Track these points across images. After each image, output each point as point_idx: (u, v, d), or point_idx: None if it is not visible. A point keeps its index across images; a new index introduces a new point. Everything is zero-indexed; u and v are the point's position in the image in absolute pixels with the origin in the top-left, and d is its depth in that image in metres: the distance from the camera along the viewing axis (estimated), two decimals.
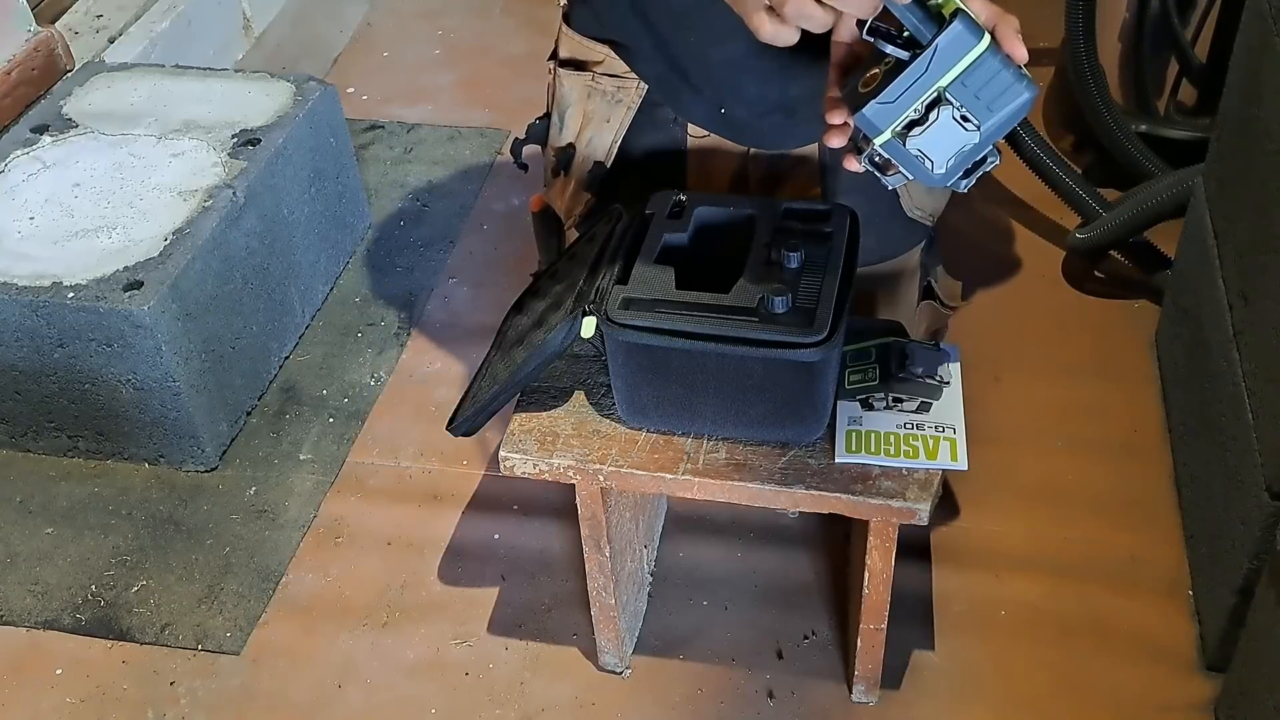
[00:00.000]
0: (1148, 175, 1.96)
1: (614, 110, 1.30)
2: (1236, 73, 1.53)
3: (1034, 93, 0.90)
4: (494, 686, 1.49)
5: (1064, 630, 1.50)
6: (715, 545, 1.62)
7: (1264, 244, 1.36)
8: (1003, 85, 0.89)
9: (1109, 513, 1.62)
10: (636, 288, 1.13)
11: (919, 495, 1.15)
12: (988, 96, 0.89)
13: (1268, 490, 1.29)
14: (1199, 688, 1.43)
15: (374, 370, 1.92)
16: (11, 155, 1.85)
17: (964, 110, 0.90)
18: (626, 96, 1.28)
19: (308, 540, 1.67)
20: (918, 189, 1.31)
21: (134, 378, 1.66)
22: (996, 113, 0.90)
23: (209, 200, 1.74)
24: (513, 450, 1.23)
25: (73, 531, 1.69)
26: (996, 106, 0.90)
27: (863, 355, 1.25)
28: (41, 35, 2.07)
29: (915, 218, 1.33)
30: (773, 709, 1.44)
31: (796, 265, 1.14)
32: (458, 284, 2.07)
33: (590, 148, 1.32)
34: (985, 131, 0.91)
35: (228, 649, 1.54)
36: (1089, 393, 1.79)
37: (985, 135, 0.91)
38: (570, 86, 1.33)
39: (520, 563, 1.63)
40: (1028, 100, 0.90)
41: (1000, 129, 0.91)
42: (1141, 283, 1.94)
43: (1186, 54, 2.01)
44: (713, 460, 1.20)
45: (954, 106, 0.90)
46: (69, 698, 1.50)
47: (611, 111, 1.30)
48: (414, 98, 2.52)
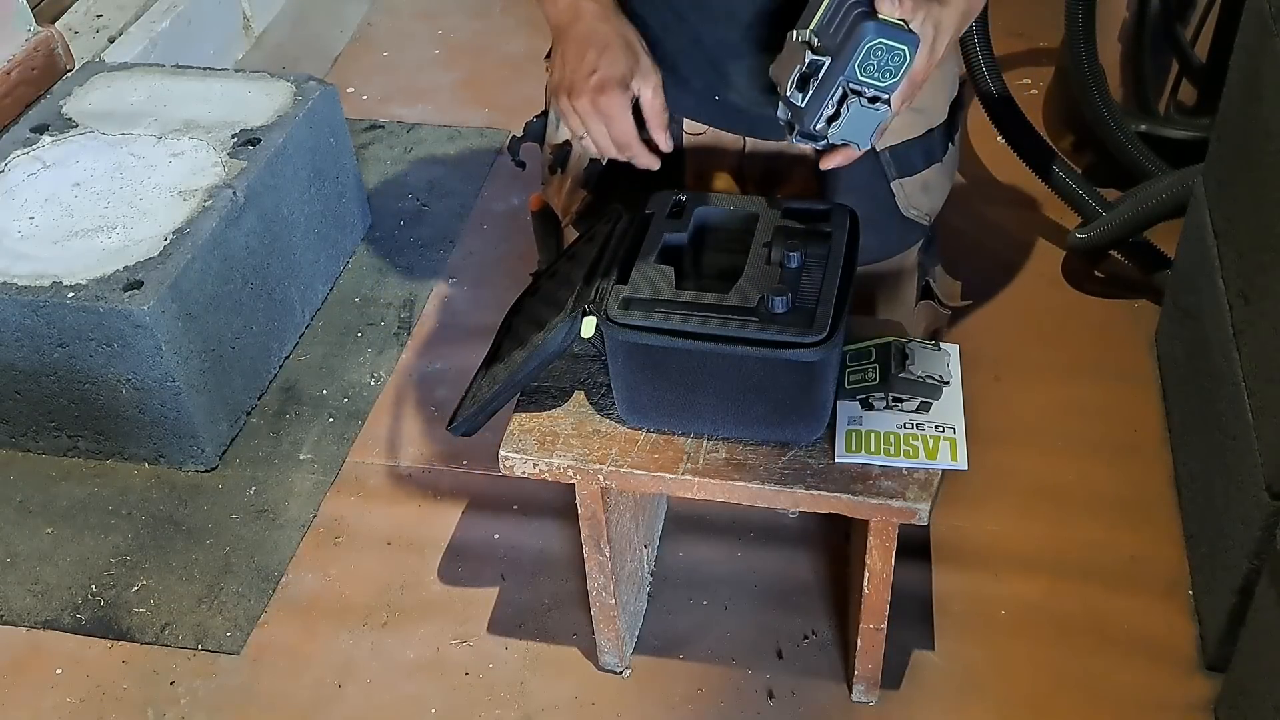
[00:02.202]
0: (1148, 175, 1.96)
1: None
2: (1236, 73, 1.53)
3: (917, 39, 1.01)
4: (494, 686, 1.49)
5: (1064, 630, 1.50)
6: (715, 545, 1.62)
7: (1264, 244, 1.37)
8: (894, 52, 1.01)
9: (1109, 513, 1.62)
10: (636, 288, 1.13)
11: (919, 495, 1.15)
12: (888, 67, 1.01)
13: (1268, 490, 1.29)
14: (1199, 688, 1.43)
15: (374, 370, 1.92)
16: (11, 155, 1.85)
17: (870, 93, 1.03)
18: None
19: (307, 540, 1.67)
20: (913, 189, 1.31)
21: (134, 378, 1.66)
22: (897, 77, 1.02)
23: (209, 200, 1.74)
24: (513, 450, 1.23)
25: (73, 531, 1.69)
26: (895, 72, 1.02)
27: (863, 355, 1.25)
28: (41, 35, 2.07)
29: (912, 217, 1.33)
30: (773, 709, 1.44)
31: (796, 265, 1.14)
32: (458, 284, 2.07)
33: (585, 144, 1.32)
34: (893, 99, 1.04)
35: (228, 649, 1.54)
36: (1089, 393, 1.79)
37: (893, 101, 1.05)
38: None
39: (520, 563, 1.63)
40: (915, 49, 1.02)
41: (901, 84, 1.04)
42: (1141, 283, 1.94)
43: (1186, 54, 2.02)
44: (713, 460, 1.20)
45: (860, 95, 1.03)
46: (69, 697, 1.50)
47: None
48: (414, 98, 2.52)
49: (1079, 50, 1.95)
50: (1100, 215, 1.91)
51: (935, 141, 1.31)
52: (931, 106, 1.29)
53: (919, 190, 1.31)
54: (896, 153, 1.28)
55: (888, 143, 1.26)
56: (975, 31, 1.92)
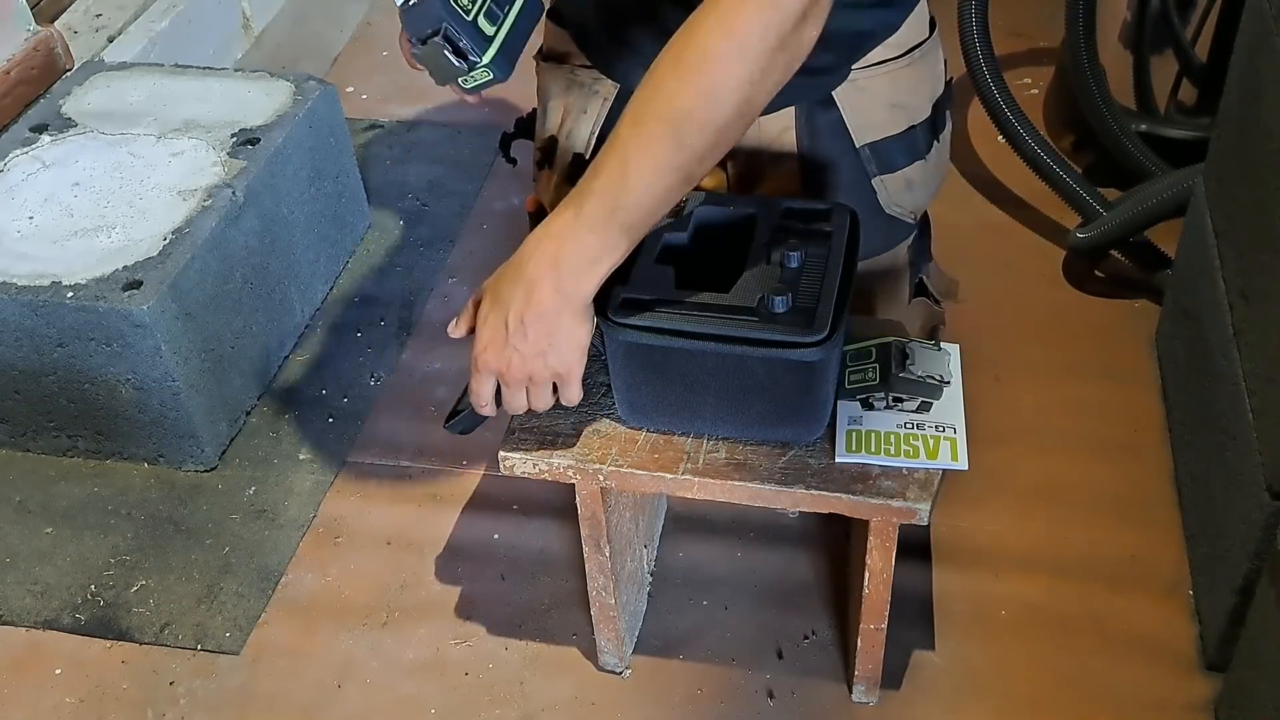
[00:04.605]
0: (1148, 175, 1.96)
1: (591, 101, 1.29)
2: (1236, 72, 1.53)
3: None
4: (494, 686, 1.49)
5: (1064, 630, 1.50)
6: (715, 545, 1.62)
7: (1264, 244, 1.37)
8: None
9: (1109, 513, 1.62)
10: (636, 288, 1.13)
11: (919, 495, 1.15)
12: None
13: (1268, 490, 1.29)
14: (1199, 688, 1.43)
15: (374, 370, 1.92)
16: (11, 155, 1.85)
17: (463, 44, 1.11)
18: (603, 88, 1.28)
19: (307, 540, 1.67)
20: (896, 187, 1.30)
21: (133, 377, 1.66)
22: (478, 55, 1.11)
23: (208, 200, 1.74)
24: (512, 450, 1.23)
25: (72, 531, 1.69)
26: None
27: (863, 355, 1.25)
28: (41, 34, 2.07)
29: (895, 214, 1.32)
30: (773, 709, 1.44)
31: (796, 265, 1.14)
32: (458, 284, 2.07)
33: (570, 140, 1.32)
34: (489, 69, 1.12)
35: (227, 649, 1.54)
36: (1089, 393, 1.79)
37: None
38: (551, 79, 1.33)
39: (520, 563, 1.63)
40: None
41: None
42: (1141, 282, 1.95)
43: (1186, 54, 2.02)
44: (713, 460, 1.20)
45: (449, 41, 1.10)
46: (69, 697, 1.50)
47: (588, 103, 1.29)
48: (414, 97, 2.52)
49: (1079, 50, 1.95)
50: (1100, 215, 1.91)
51: (918, 138, 1.30)
52: (912, 103, 1.28)
53: (902, 188, 1.30)
54: (876, 149, 1.27)
55: (867, 139, 1.26)
56: (975, 31, 1.92)
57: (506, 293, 1.05)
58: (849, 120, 1.23)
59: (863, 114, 1.23)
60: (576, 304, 1.04)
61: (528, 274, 1.03)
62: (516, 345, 1.06)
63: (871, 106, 1.23)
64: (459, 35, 1.08)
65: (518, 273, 1.04)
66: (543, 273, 1.02)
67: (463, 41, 1.08)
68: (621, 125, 0.98)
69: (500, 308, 1.06)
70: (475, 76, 1.13)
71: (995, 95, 1.95)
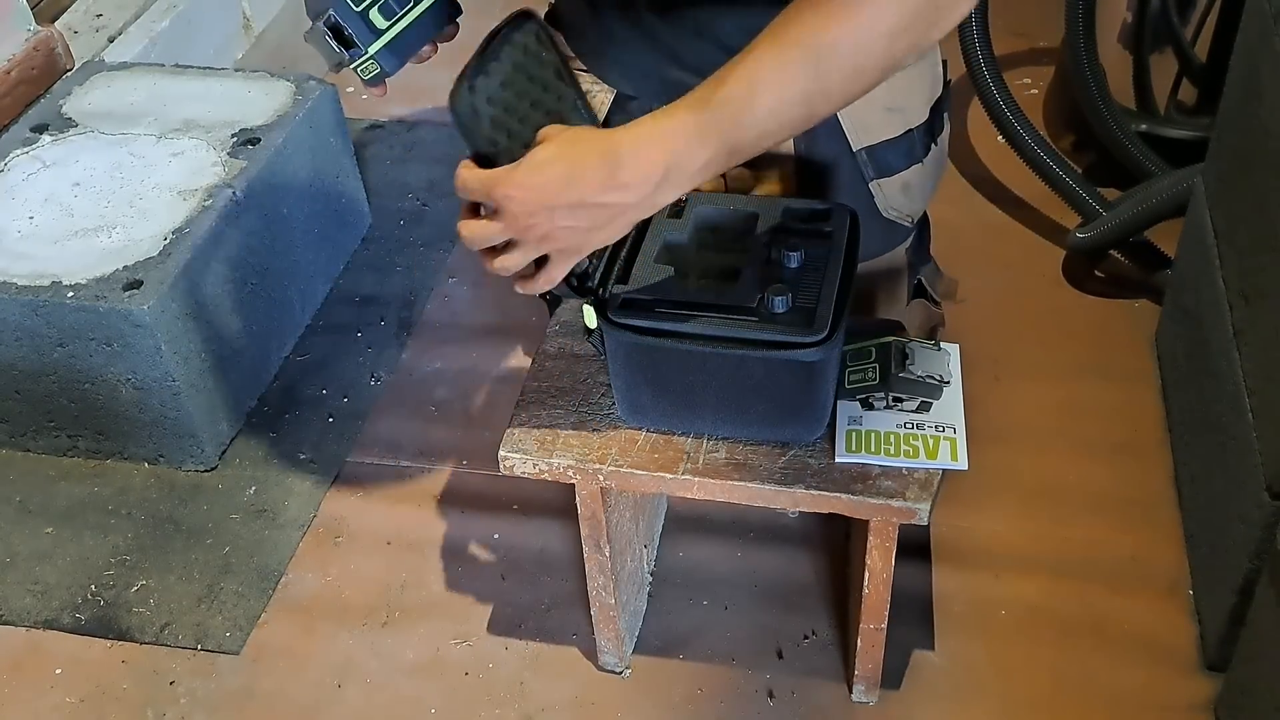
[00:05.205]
0: (1148, 175, 1.96)
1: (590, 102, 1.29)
2: (1236, 72, 1.53)
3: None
4: (494, 686, 1.49)
5: (1064, 630, 1.50)
6: (715, 545, 1.62)
7: (1264, 244, 1.37)
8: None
9: (1109, 513, 1.62)
10: (636, 288, 1.13)
11: (919, 495, 1.15)
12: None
13: (1268, 490, 1.28)
14: (1199, 688, 1.43)
15: (374, 370, 1.92)
16: (11, 154, 1.85)
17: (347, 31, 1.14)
18: (600, 90, 1.28)
19: (307, 540, 1.67)
20: (893, 190, 1.30)
21: (134, 377, 1.66)
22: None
23: (209, 200, 1.74)
24: (512, 450, 1.23)
25: (72, 531, 1.69)
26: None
27: (862, 355, 1.25)
28: (41, 34, 2.07)
29: (892, 218, 1.32)
30: (773, 709, 1.44)
31: (796, 265, 1.14)
32: (458, 284, 2.07)
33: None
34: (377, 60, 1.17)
35: (227, 649, 1.54)
36: (1089, 393, 1.79)
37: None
38: None
39: (520, 563, 1.63)
40: None
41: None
42: (1141, 283, 1.94)
43: (1186, 54, 2.02)
44: (713, 460, 1.20)
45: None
46: (69, 697, 1.50)
47: None
48: (414, 98, 2.52)
49: (1079, 50, 1.95)
50: (1100, 215, 1.91)
51: (915, 142, 1.29)
52: (909, 106, 1.27)
53: (898, 191, 1.30)
54: (874, 153, 1.27)
55: (864, 143, 1.26)
56: (975, 32, 1.92)
57: (594, 164, 0.96)
58: (845, 123, 1.23)
59: (859, 117, 1.23)
60: (655, 206, 0.97)
61: (623, 159, 0.94)
62: (568, 213, 0.97)
63: (868, 110, 1.23)
64: (344, 24, 1.13)
65: (611, 152, 0.95)
66: (644, 173, 0.93)
67: (348, 31, 1.14)
68: (758, 44, 0.92)
69: (575, 170, 0.97)
70: (367, 67, 1.19)
71: (995, 95, 1.95)
